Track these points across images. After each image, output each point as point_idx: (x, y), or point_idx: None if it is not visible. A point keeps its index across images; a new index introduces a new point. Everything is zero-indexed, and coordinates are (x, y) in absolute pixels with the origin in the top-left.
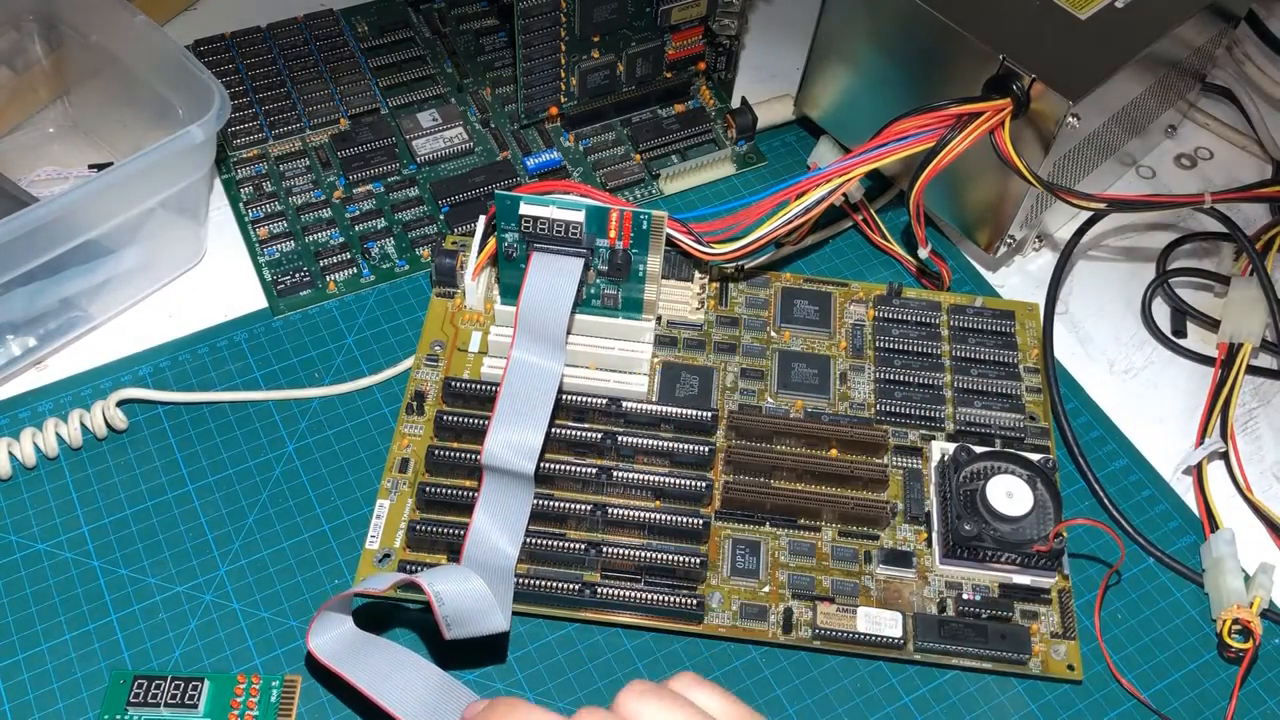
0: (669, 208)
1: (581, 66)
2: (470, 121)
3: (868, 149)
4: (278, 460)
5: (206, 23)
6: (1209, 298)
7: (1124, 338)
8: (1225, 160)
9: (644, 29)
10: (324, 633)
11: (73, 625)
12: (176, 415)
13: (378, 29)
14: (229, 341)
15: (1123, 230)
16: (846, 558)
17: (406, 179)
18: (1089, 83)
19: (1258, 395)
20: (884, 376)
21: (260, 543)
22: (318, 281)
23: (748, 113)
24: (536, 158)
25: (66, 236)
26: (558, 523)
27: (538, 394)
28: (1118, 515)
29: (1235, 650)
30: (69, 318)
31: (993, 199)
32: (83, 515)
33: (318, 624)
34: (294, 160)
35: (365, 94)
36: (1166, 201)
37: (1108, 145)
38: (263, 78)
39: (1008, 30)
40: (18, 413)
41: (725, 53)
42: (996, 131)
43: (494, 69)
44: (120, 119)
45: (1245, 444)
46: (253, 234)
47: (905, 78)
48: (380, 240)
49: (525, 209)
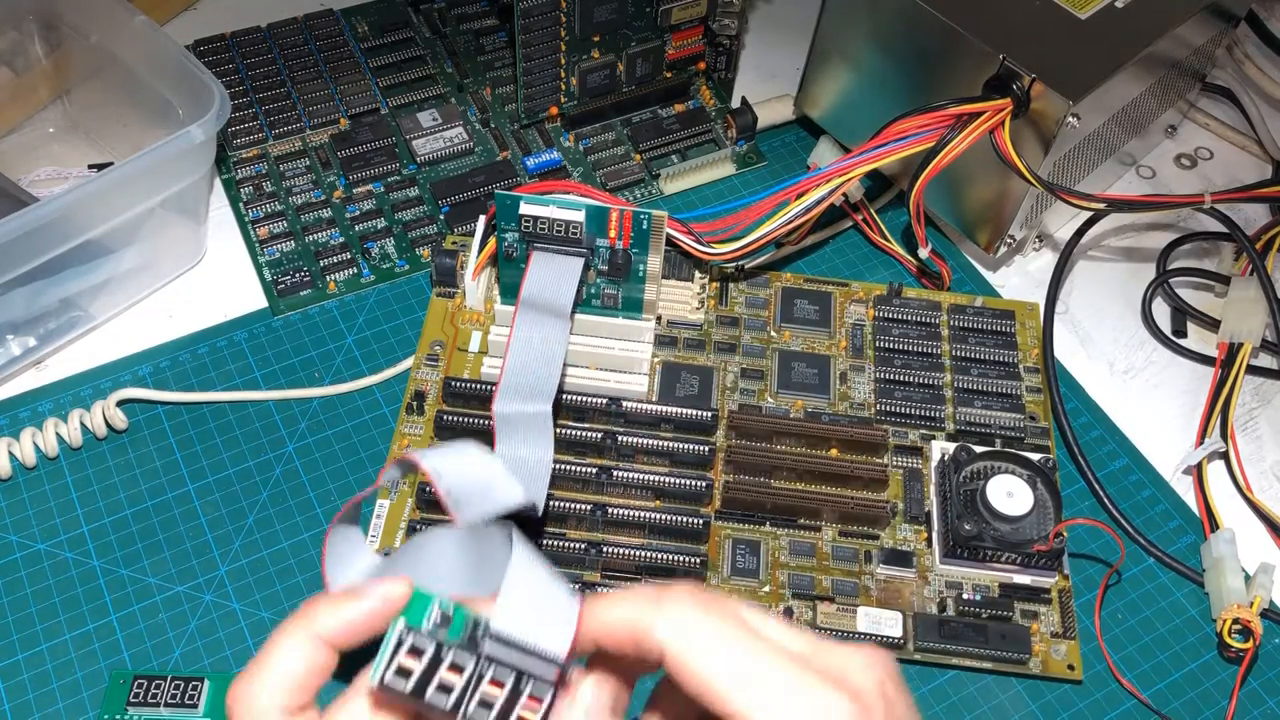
0: (669, 208)
1: (581, 66)
2: (470, 121)
3: (868, 149)
4: (278, 460)
5: (206, 23)
6: (1209, 297)
7: (1124, 337)
8: (1225, 160)
9: (644, 29)
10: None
11: (73, 625)
12: (176, 415)
13: (378, 29)
14: (229, 341)
15: (1123, 230)
16: (847, 557)
17: (406, 179)
18: (1089, 83)
19: (1258, 395)
20: (884, 376)
21: (260, 542)
22: (318, 281)
23: (748, 113)
24: (536, 158)
25: (66, 236)
26: (558, 522)
27: (545, 363)
28: (1118, 515)
29: (1235, 650)
30: (69, 318)
31: (993, 199)
32: (83, 515)
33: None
34: (294, 160)
35: (365, 94)
36: (1166, 201)
37: (1108, 145)
38: (263, 78)
39: (1008, 30)
40: (18, 413)
41: (725, 52)
42: (996, 131)
43: (494, 69)
44: (120, 119)
45: (1245, 444)
46: (253, 234)
47: (905, 77)
48: (380, 240)
49: (525, 209)
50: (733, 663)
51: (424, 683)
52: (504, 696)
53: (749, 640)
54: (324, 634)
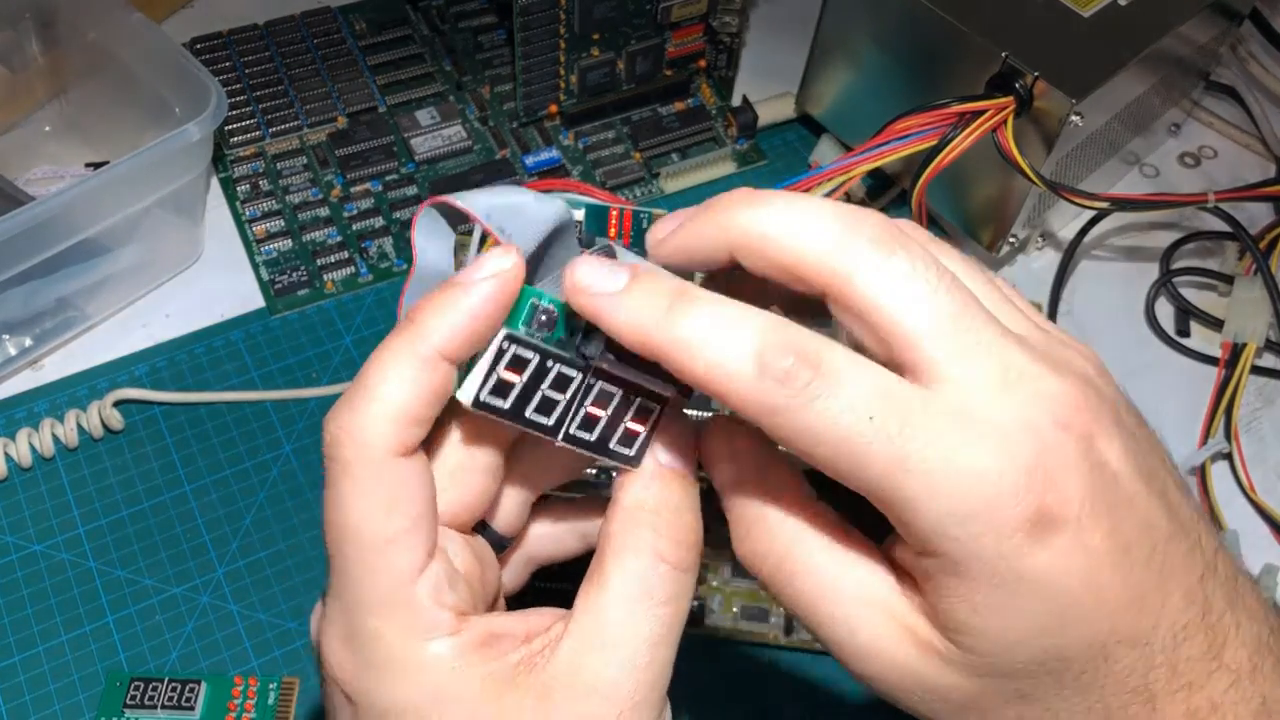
0: (669, 206)
1: (581, 64)
2: (469, 119)
3: (869, 147)
4: (275, 461)
5: (204, 20)
6: (1213, 297)
7: (1127, 337)
8: (1229, 159)
9: (644, 26)
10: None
11: (69, 627)
12: (173, 416)
13: (376, 27)
14: (226, 341)
15: (1126, 229)
16: None
17: (405, 177)
18: (1092, 81)
19: (1262, 395)
20: None
21: (258, 544)
22: (315, 281)
23: (748, 111)
24: (535, 156)
25: (63, 235)
26: None
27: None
28: None
29: None
30: (65, 317)
31: (995, 198)
32: (79, 516)
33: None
34: (291, 159)
35: (363, 92)
36: (1170, 200)
37: (1111, 144)
38: (260, 76)
39: (1010, 28)
40: (14, 413)
41: (726, 50)
42: (999, 130)
43: (493, 67)
44: (117, 117)
45: (1249, 444)
46: (250, 233)
47: (907, 75)
48: (378, 239)
49: None
50: (940, 326)
51: (524, 400)
52: (608, 414)
53: (970, 309)
54: (438, 347)
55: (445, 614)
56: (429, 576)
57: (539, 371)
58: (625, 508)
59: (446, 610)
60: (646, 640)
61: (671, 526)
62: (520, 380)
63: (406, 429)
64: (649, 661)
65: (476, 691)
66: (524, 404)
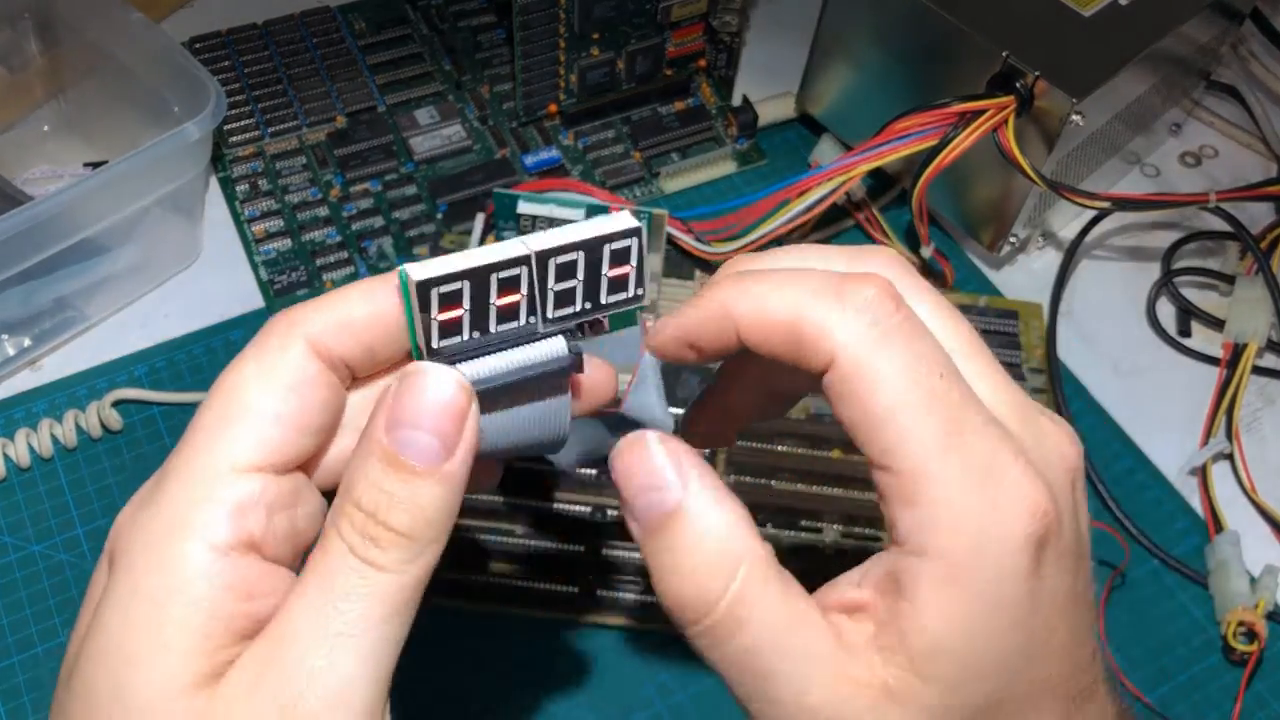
0: (669, 206)
1: (581, 63)
2: (468, 119)
3: (870, 147)
4: None
5: (203, 20)
6: (1214, 297)
7: (1128, 337)
8: (1230, 159)
9: (644, 26)
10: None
11: (68, 628)
12: (172, 416)
13: (375, 26)
14: (225, 341)
15: (1127, 229)
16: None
17: (404, 177)
18: (1093, 80)
19: (1263, 395)
20: None
21: None
22: (314, 280)
23: (749, 110)
24: (535, 155)
25: (61, 235)
26: (557, 524)
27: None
28: (1122, 517)
29: (1240, 653)
30: (64, 317)
31: (996, 197)
32: (78, 517)
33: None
34: (291, 158)
35: (362, 91)
36: (1171, 200)
37: (1112, 143)
38: (259, 75)
39: (1011, 27)
40: (12, 413)
41: (726, 50)
42: (1000, 129)
43: (492, 66)
44: (116, 117)
45: (1250, 445)
46: (249, 232)
47: (908, 75)
48: (378, 239)
49: (524, 207)
50: (917, 407)
51: (480, 321)
52: (581, 280)
53: (948, 384)
54: (315, 335)
55: (227, 528)
56: (247, 483)
57: (480, 293)
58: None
59: (233, 529)
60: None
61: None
62: (462, 310)
63: (338, 336)
64: (328, 665)
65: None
66: (483, 323)
